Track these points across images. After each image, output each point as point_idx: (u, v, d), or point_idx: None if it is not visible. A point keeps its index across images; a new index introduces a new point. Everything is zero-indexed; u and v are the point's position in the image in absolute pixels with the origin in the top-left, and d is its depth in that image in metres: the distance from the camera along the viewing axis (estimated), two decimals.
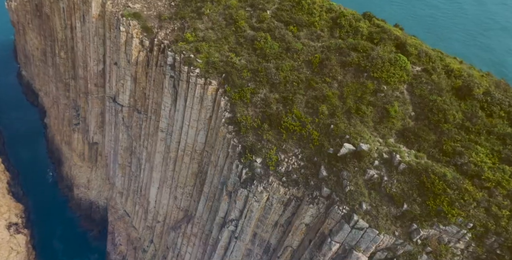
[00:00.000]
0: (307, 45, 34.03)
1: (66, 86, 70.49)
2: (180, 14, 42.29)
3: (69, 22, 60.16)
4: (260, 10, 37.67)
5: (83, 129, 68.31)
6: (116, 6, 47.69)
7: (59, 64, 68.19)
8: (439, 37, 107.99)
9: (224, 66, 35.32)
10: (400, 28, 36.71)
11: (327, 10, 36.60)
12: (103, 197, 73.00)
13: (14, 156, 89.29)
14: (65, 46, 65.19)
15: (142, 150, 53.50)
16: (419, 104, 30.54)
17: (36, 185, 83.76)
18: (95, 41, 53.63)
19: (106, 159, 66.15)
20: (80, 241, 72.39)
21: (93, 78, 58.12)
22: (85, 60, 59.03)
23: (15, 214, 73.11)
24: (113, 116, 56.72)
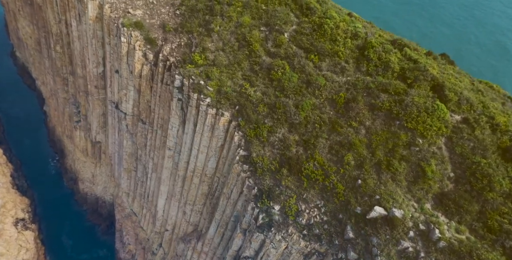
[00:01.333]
0: (330, 80, 30.88)
1: (64, 81, 67.20)
2: (187, 27, 38.54)
3: (63, 18, 55.84)
4: (276, 32, 34.01)
5: (85, 127, 65.98)
6: (115, 11, 43.60)
7: (55, 58, 64.43)
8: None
9: (238, 97, 32.53)
10: (433, 56, 33.13)
11: (352, 36, 32.92)
12: (109, 193, 72.30)
13: (15, 145, 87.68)
14: (60, 40, 61.14)
15: (148, 160, 51.72)
16: (460, 165, 27.78)
17: (40, 176, 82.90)
18: (93, 44, 49.89)
19: (111, 159, 64.55)
20: (88, 235, 72.72)
21: (93, 80, 54.93)
22: (83, 60, 55.47)
23: (21, 209, 72.81)
24: (116, 122, 54.28)
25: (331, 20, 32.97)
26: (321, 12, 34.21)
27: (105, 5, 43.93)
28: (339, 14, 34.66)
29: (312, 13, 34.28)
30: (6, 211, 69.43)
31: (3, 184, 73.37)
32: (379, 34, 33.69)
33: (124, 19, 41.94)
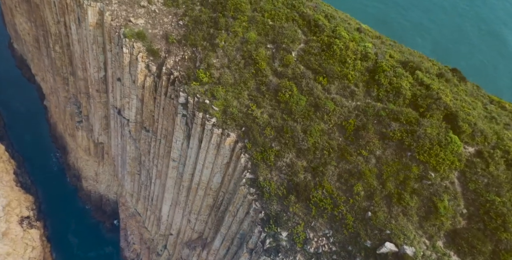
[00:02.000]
0: (339, 105, 30.22)
1: (65, 80, 66.23)
2: (191, 39, 37.48)
3: (62, 19, 54.37)
4: (283, 50, 33.06)
5: (87, 127, 65.55)
6: (116, 19, 42.36)
7: (55, 58, 63.24)
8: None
9: (244, 119, 32.01)
10: (445, 78, 32.16)
11: (362, 57, 31.96)
12: (112, 191, 72.62)
13: (16, 140, 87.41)
14: (59, 40, 59.81)
15: (152, 166, 51.57)
16: (473, 202, 27.41)
17: (43, 172, 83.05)
18: (94, 49, 48.77)
19: (114, 160, 64.42)
20: (93, 233, 73.51)
21: (94, 84, 54.08)
22: (84, 62, 54.43)
23: (26, 207, 73.32)
24: (119, 126, 53.81)
25: (340, 40, 31.98)
26: (329, 29, 33.16)
27: (106, 13, 42.68)
28: (348, 31, 33.60)
29: (320, 30, 33.24)
30: (11, 210, 69.94)
31: (7, 182, 73.59)
32: (390, 54, 32.72)
33: (126, 29, 40.78)
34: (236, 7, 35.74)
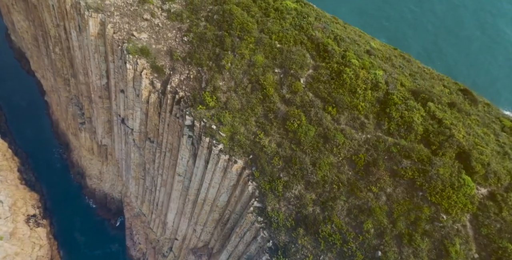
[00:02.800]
0: (349, 137, 29.77)
1: (66, 81, 65.28)
2: (196, 58, 36.56)
3: (62, 23, 52.91)
4: (291, 77, 32.27)
5: (90, 129, 65.18)
6: (119, 32, 41.19)
7: (55, 59, 62.04)
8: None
9: (252, 146, 31.70)
10: (457, 108, 31.36)
11: (373, 87, 31.20)
12: (117, 190, 73.13)
13: (19, 136, 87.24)
14: (59, 43, 58.48)
15: (157, 175, 51.61)
16: (485, 247, 27.29)
17: (47, 168, 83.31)
18: (96, 58, 47.77)
19: (118, 162, 64.48)
20: (99, 230, 74.55)
21: (97, 91, 53.32)
22: (85, 68, 53.46)
23: (31, 205, 74.04)
24: (123, 134, 53.50)
25: (350, 68, 31.16)
26: (339, 55, 32.25)
27: (108, 25, 41.46)
28: (358, 55, 32.67)
29: (329, 56, 32.34)
30: (17, 209, 70.63)
31: (12, 181, 73.95)
32: (401, 82, 31.91)
33: (129, 44, 39.71)
34: (242, 27, 34.66)
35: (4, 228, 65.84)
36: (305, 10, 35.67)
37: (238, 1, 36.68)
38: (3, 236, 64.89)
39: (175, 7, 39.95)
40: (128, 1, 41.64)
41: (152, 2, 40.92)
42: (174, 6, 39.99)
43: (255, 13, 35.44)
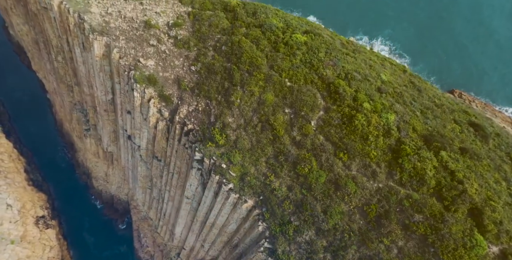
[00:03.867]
0: (360, 186, 29.94)
1: (69, 88, 64.64)
2: (204, 90, 36.15)
3: (64, 37, 51.75)
4: (302, 118, 32.02)
5: (95, 136, 65.23)
6: (125, 57, 40.50)
7: (58, 67, 61.14)
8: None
9: (262, 188, 32.01)
10: (469, 154, 31.13)
11: (385, 133, 30.96)
12: (123, 193, 74.11)
13: (23, 134, 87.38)
14: (62, 52, 57.44)
15: (164, 190, 52.18)
16: None
17: (52, 167, 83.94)
18: (101, 77, 47.21)
19: (124, 169, 64.99)
20: (107, 230, 76.18)
21: (102, 105, 53.03)
22: (89, 81, 52.88)
23: (39, 206, 75.33)
24: (129, 148, 53.66)
25: (361, 113, 30.87)
26: (350, 97, 31.87)
27: (113, 50, 40.67)
28: (369, 96, 32.26)
29: (341, 98, 31.94)
30: (26, 212, 71.93)
31: (19, 183, 74.84)
32: (413, 127, 31.63)
33: (136, 72, 39.14)
34: (251, 61, 34.06)
35: (14, 232, 67.33)
36: (316, 44, 34.89)
37: (247, 32, 35.84)
38: (14, 240, 66.51)
39: (182, 33, 39.05)
40: (133, 25, 40.63)
41: (158, 27, 39.95)
42: (181, 32, 39.08)
43: (264, 47, 34.70)
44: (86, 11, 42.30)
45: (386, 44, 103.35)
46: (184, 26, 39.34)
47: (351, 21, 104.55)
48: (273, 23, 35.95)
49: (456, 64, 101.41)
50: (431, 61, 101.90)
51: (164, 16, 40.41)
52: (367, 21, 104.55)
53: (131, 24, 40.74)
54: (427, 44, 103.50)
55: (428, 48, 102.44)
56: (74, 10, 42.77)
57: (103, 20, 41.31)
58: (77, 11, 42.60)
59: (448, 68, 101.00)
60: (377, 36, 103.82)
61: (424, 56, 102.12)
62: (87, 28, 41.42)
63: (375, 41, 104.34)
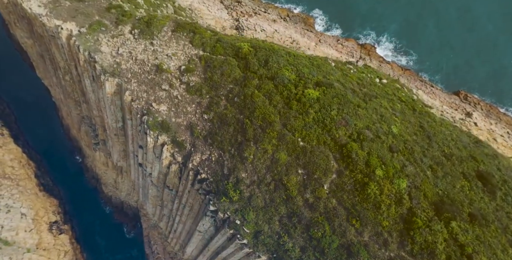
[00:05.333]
0: (372, 254, 31.23)
1: (77, 103, 64.94)
2: (217, 141, 36.83)
3: (73, 64, 51.50)
4: (315, 181, 32.91)
5: (105, 150, 66.22)
6: (137, 100, 40.82)
7: (65, 85, 61.16)
8: None
9: (275, 247, 33.49)
10: (478, 222, 32.05)
11: (397, 202, 31.87)
12: (133, 200, 76.11)
13: (30, 136, 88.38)
14: (69, 73, 57.28)
15: (175, 214, 53.78)
16: None
17: (62, 171, 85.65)
18: (112, 109, 47.58)
19: (134, 183, 66.46)
20: (117, 234, 79.00)
21: (112, 130, 53.62)
22: (99, 106, 53.15)
23: (52, 211, 77.80)
24: (140, 173, 54.77)
25: (374, 181, 31.72)
26: (362, 161, 32.61)
27: (126, 92, 40.89)
28: (381, 158, 32.96)
29: (353, 163, 32.68)
30: (39, 219, 74.42)
31: (31, 190, 76.84)
32: (424, 194, 32.49)
33: (149, 117, 39.58)
34: (264, 117, 34.53)
35: (30, 241, 70.07)
36: (328, 100, 35.16)
37: (259, 85, 36.01)
38: (30, 248, 69.38)
39: (194, 80, 39.14)
40: (145, 68, 40.58)
41: (170, 71, 39.94)
42: (193, 79, 39.16)
43: (277, 103, 35.03)
44: (96, 50, 42.07)
45: (392, 41, 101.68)
46: (196, 71, 39.34)
47: (358, 16, 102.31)
48: (285, 75, 36.01)
49: (463, 62, 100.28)
50: (438, 59, 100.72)
51: (176, 59, 40.27)
52: (374, 15, 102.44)
53: (142, 67, 40.68)
54: (435, 41, 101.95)
55: (436, 44, 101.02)
56: (84, 48, 42.50)
57: (114, 61, 41.21)
58: (87, 49, 42.34)
59: (455, 67, 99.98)
60: (384, 33, 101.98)
61: (431, 53, 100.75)
62: (98, 69, 41.39)
63: (382, 38, 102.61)
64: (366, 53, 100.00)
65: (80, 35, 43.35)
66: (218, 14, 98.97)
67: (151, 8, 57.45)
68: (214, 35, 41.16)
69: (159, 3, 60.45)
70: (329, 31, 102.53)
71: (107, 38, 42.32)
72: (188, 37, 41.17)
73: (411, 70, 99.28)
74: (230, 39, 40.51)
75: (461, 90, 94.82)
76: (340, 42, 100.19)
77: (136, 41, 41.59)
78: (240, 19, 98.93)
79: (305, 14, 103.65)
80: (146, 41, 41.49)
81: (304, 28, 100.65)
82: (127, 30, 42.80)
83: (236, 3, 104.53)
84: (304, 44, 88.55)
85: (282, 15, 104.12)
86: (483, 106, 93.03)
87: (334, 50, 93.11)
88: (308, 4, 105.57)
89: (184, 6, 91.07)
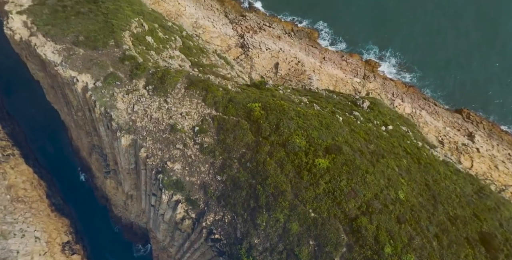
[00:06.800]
0: None
1: (88, 134, 66.44)
2: (230, 204, 38.61)
3: (86, 107, 52.85)
4: (326, 254, 34.73)
5: (116, 179, 68.05)
6: (152, 157, 42.42)
7: (77, 119, 62.58)
8: None
9: None
10: None
11: None
12: (143, 221, 78.37)
13: (40, 155, 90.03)
14: (82, 111, 58.65)
15: (187, 251, 55.89)
16: None
17: (72, 189, 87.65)
18: (126, 156, 49.14)
19: (144, 212, 68.44)
20: (127, 252, 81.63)
21: (125, 169, 55.34)
22: (112, 147, 54.69)
23: (64, 232, 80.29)
24: (152, 210, 56.65)
25: (383, 259, 33.50)
26: (371, 237, 34.38)
27: (141, 149, 42.45)
28: (389, 231, 34.68)
29: (363, 238, 34.46)
30: (52, 241, 76.93)
31: (43, 211, 79.12)
32: None
33: (164, 176, 41.24)
34: (276, 185, 36.21)
35: None
36: (337, 169, 36.72)
37: (271, 152, 37.54)
38: None
39: (207, 141, 40.63)
40: (159, 127, 42.01)
41: (184, 131, 41.40)
42: (206, 140, 40.65)
43: (289, 172, 36.65)
44: (112, 107, 43.43)
45: (396, 56, 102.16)
46: (209, 132, 40.79)
47: (362, 31, 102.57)
48: (296, 143, 37.51)
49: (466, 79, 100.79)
50: (441, 75, 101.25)
51: (189, 119, 41.67)
52: (377, 29, 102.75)
53: (157, 125, 42.11)
54: (439, 56, 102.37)
55: (440, 60, 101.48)
56: (100, 104, 43.85)
57: (129, 119, 42.63)
58: (104, 105, 43.68)
59: (459, 83, 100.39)
60: (387, 47, 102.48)
61: (435, 69, 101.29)
62: (114, 126, 42.84)
63: (385, 53, 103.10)
64: (370, 69, 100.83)
65: (96, 89, 44.64)
66: (223, 30, 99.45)
67: (160, 45, 58.48)
68: (226, 93, 42.41)
69: (168, 38, 61.36)
70: (333, 45, 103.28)
71: (122, 94, 43.61)
72: (201, 95, 42.48)
73: (415, 87, 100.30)
74: (241, 98, 41.81)
75: (463, 108, 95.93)
76: (344, 59, 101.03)
77: (150, 98, 42.90)
78: (245, 35, 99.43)
79: (309, 28, 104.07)
80: (160, 98, 42.80)
81: (308, 44, 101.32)
82: (141, 85, 44.05)
83: (240, 16, 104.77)
84: (309, 65, 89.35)
85: (287, 30, 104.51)
86: (485, 125, 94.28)
87: (339, 70, 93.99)
88: (312, 17, 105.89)
89: (189, 24, 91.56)
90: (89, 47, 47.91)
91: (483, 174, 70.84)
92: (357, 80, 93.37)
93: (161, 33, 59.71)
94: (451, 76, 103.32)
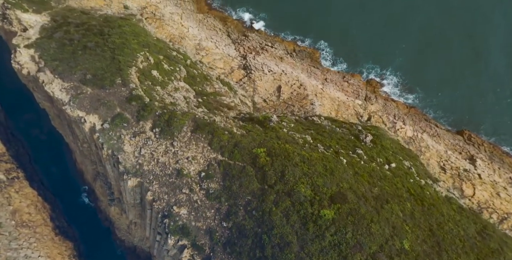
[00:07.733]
0: None
1: (93, 163, 67.01)
2: (236, 252, 39.17)
3: (93, 143, 53.43)
4: None
5: (120, 207, 68.57)
6: (159, 201, 42.99)
7: (82, 150, 63.15)
8: None
9: None
10: None
11: None
12: (146, 245, 78.82)
13: (44, 175, 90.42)
14: (87, 143, 59.28)
15: None
16: None
17: (76, 210, 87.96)
18: (132, 194, 49.69)
19: (148, 238, 68.94)
20: None
21: (129, 203, 55.88)
22: (118, 183, 55.27)
23: (68, 255, 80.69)
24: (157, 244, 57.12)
25: None
26: None
27: (148, 193, 43.00)
28: None
29: None
30: None
31: (47, 235, 79.56)
32: None
33: (170, 221, 41.78)
34: (281, 236, 36.73)
35: None
36: (342, 221, 37.29)
37: (276, 200, 38.07)
38: None
39: (213, 187, 41.18)
40: (166, 171, 42.56)
41: (190, 176, 41.95)
42: (212, 186, 41.20)
43: (294, 222, 37.20)
44: (119, 149, 44.01)
45: (397, 75, 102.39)
46: (215, 178, 41.34)
47: (362, 49, 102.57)
48: (301, 192, 38.10)
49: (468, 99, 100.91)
50: (443, 96, 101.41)
51: (195, 163, 42.23)
52: (378, 48, 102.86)
53: (164, 170, 42.68)
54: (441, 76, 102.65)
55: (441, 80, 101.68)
56: (107, 146, 44.44)
57: (136, 162, 43.21)
58: (111, 148, 44.27)
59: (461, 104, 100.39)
60: (388, 67, 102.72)
61: (436, 89, 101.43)
62: (121, 169, 43.41)
63: (386, 72, 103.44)
64: (372, 90, 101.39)
65: (103, 131, 45.25)
66: (226, 50, 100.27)
67: (166, 77, 59.15)
68: (231, 137, 43.03)
69: (173, 69, 62.06)
70: (335, 66, 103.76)
71: (129, 136, 44.19)
72: (207, 139, 43.09)
73: (416, 108, 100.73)
74: (247, 142, 42.41)
75: (465, 130, 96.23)
76: (346, 79, 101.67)
77: (157, 141, 43.49)
78: (247, 56, 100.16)
79: (311, 48, 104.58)
80: (167, 141, 43.39)
81: (310, 64, 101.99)
82: (148, 127, 44.64)
83: (243, 36, 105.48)
84: (311, 88, 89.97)
85: (289, 50, 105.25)
86: (486, 148, 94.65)
87: (340, 92, 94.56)
88: (313, 36, 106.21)
89: (192, 46, 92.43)
90: (97, 86, 48.53)
91: (485, 202, 71.25)
92: (359, 102, 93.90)
93: (166, 65, 60.43)
94: (452, 97, 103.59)
